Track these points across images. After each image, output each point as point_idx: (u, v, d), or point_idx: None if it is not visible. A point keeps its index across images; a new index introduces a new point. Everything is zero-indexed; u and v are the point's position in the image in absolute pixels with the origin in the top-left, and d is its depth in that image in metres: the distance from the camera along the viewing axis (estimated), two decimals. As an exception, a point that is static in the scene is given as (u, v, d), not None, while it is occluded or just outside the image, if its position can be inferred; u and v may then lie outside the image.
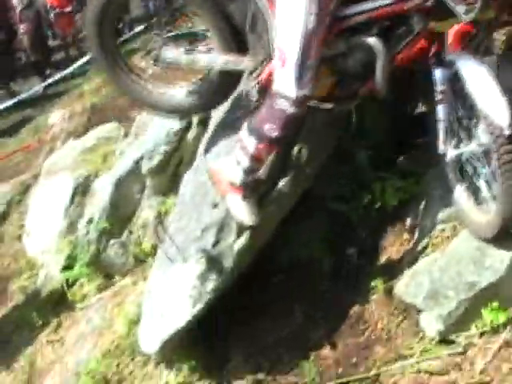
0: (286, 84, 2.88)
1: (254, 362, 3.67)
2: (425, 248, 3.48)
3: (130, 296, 4.33)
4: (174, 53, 3.49)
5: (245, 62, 3.33)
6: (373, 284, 3.58)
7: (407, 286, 3.42)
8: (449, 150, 3.11)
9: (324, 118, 3.52)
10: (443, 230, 3.45)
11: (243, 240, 3.43)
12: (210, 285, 3.44)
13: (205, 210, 3.51)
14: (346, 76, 3.16)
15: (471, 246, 3.26)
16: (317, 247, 3.71)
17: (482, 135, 2.95)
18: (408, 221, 3.65)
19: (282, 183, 3.46)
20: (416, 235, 3.59)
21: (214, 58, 3.39)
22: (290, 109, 2.89)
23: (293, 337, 3.68)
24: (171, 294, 3.53)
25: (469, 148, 3.06)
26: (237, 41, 3.35)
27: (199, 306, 3.44)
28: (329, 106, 3.27)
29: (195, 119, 4.21)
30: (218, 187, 3.41)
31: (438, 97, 3.02)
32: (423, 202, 3.58)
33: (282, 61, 2.89)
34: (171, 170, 4.29)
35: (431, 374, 3.32)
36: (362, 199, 3.61)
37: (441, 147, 3.09)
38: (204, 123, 4.14)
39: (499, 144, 2.80)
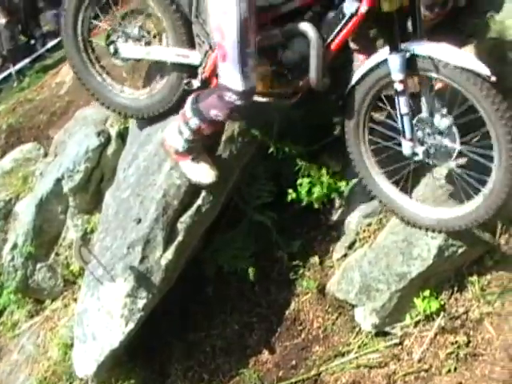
0: (232, 78, 2.89)
1: (194, 374, 3.65)
2: (353, 243, 3.51)
3: (63, 319, 4.23)
4: (130, 46, 3.49)
5: (193, 55, 3.31)
6: (305, 284, 3.59)
7: (339, 283, 3.45)
8: (417, 148, 3.00)
9: (242, 122, 3.50)
10: (369, 224, 3.48)
11: (170, 254, 3.39)
12: (141, 302, 3.38)
13: (129, 227, 3.45)
14: (285, 68, 3.14)
15: (398, 238, 3.30)
16: (244, 255, 3.67)
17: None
18: (334, 217, 3.65)
19: (204, 192, 3.42)
20: (343, 231, 3.60)
21: (166, 51, 3.38)
22: (238, 101, 2.93)
23: (230, 346, 3.67)
24: (102, 314, 3.45)
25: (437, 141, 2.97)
26: (188, 33, 3.33)
27: (131, 325, 3.38)
28: (268, 100, 3.25)
29: (114, 134, 4.13)
30: (169, 156, 3.43)
31: (398, 87, 2.88)
32: (348, 198, 3.59)
33: (222, 56, 2.89)
34: (93, 187, 4.20)
35: (370, 367, 3.36)
36: (287, 199, 3.58)
37: (408, 146, 3.01)
38: (122, 138, 4.07)
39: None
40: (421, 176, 3.33)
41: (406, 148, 3.01)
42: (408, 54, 2.83)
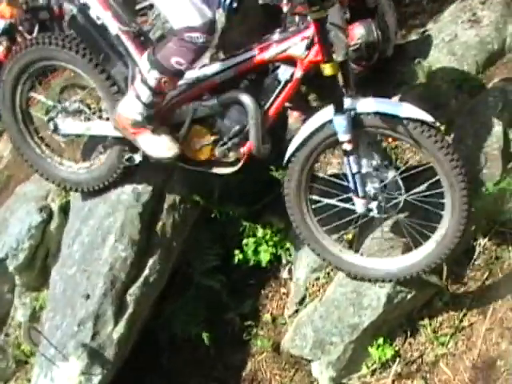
0: (187, 16, 2.81)
1: None
2: (303, 299, 3.52)
3: (17, 402, 4.13)
4: (72, 122, 3.46)
5: None
6: (259, 344, 3.59)
7: (292, 339, 3.45)
8: (371, 204, 3.03)
9: (183, 190, 3.53)
10: (317, 278, 3.50)
11: (121, 327, 3.35)
12: (96, 379, 3.33)
13: (78, 304, 3.40)
14: (225, 137, 3.17)
15: (347, 290, 3.33)
16: (196, 320, 3.65)
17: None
18: (283, 274, 3.68)
19: (150, 262, 3.41)
20: (292, 288, 3.61)
21: (107, 126, 3.34)
22: (201, 38, 2.83)
23: (189, 412, 3.63)
24: (57, 395, 3.38)
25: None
26: None
27: (88, 404, 3.32)
28: (211, 169, 3.28)
29: (56, 209, 4.10)
30: (126, 134, 3.24)
31: (347, 147, 2.88)
32: (294, 254, 3.62)
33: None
34: (39, 264, 4.13)
35: (332, 420, 3.35)
36: (234, 261, 3.60)
37: (361, 204, 3.02)
38: (65, 212, 4.04)
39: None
40: (365, 230, 3.36)
41: (360, 206, 3.04)
42: (353, 113, 2.84)
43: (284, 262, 3.67)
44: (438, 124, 2.86)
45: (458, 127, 3.55)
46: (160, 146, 3.18)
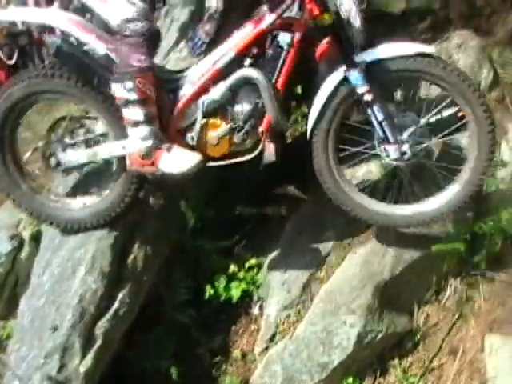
0: (121, 11, 2.91)
1: None
2: (273, 336, 3.50)
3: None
4: (73, 153, 3.35)
5: None
6: (228, 380, 3.57)
7: (261, 376, 3.44)
8: (403, 147, 3.13)
9: (156, 223, 3.51)
10: (288, 315, 3.49)
11: (89, 360, 3.30)
12: (61, 413, 3.28)
13: (45, 335, 3.34)
14: (239, 122, 3.16)
15: (317, 329, 3.34)
16: (166, 354, 3.60)
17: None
18: (254, 311, 3.66)
19: (121, 295, 3.38)
20: (263, 325, 3.59)
21: (114, 146, 3.27)
22: (143, 24, 2.91)
23: None
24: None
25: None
26: None
27: None
28: (232, 160, 3.24)
29: (27, 237, 4.05)
30: (147, 170, 3.20)
31: (368, 98, 3.04)
32: (266, 291, 3.60)
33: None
34: (8, 292, 4.06)
35: None
36: (205, 296, 3.58)
37: (394, 149, 3.13)
38: (36, 240, 3.99)
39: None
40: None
41: (393, 152, 3.15)
42: (363, 65, 3.03)
43: (255, 298, 3.65)
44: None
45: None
46: (182, 161, 3.11)
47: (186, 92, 3.19)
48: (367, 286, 3.29)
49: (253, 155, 3.23)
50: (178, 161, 3.11)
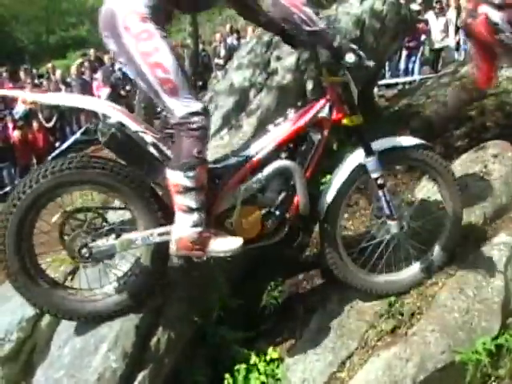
0: (187, 104, 3.07)
1: None
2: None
3: None
4: (105, 243, 3.35)
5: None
6: None
7: None
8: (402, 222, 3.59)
9: (180, 307, 3.51)
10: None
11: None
12: None
13: (62, 408, 3.33)
14: (271, 209, 3.39)
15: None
16: None
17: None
18: (272, 406, 3.61)
19: (140, 377, 3.36)
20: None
21: (153, 232, 3.32)
22: (203, 121, 3.08)
23: None
24: None
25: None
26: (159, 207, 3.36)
27: None
28: (261, 243, 3.42)
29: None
30: (193, 254, 3.27)
31: (381, 181, 3.45)
32: (285, 385, 3.56)
33: (171, 89, 3.08)
34: (24, 357, 4.06)
35: None
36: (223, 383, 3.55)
37: (395, 224, 3.56)
38: (59, 310, 4.00)
39: None
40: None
41: (395, 227, 3.56)
42: (377, 153, 3.43)
43: (275, 394, 3.61)
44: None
45: (460, 276, 3.58)
46: (228, 244, 3.27)
47: (227, 180, 3.34)
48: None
49: (278, 238, 3.46)
50: (224, 245, 3.27)
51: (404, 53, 13.65)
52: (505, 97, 5.61)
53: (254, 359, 3.59)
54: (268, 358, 3.61)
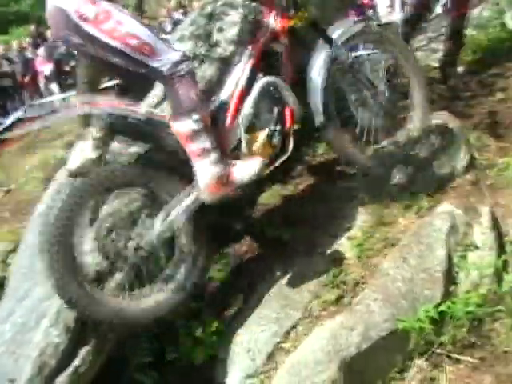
0: (165, 58, 3.22)
1: None
2: (236, 404, 3.44)
3: None
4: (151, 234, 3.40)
5: None
6: None
7: None
8: None
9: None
10: (252, 384, 3.44)
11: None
12: None
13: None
14: (271, 128, 3.56)
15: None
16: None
17: None
18: (217, 377, 3.59)
19: (83, 352, 3.31)
20: (225, 391, 3.54)
21: (188, 197, 3.43)
22: (190, 63, 3.31)
23: None
24: None
25: None
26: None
27: None
28: (281, 161, 3.63)
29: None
30: (224, 191, 3.41)
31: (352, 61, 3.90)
32: (230, 357, 3.54)
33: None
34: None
35: None
36: (169, 358, 3.53)
37: None
38: (1, 286, 3.93)
39: None
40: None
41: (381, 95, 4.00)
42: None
43: (219, 364, 3.59)
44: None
45: (403, 246, 3.61)
46: (249, 167, 3.44)
47: (224, 118, 3.55)
48: (333, 361, 3.26)
49: (289, 151, 3.63)
50: (247, 169, 3.44)
51: (350, 27, 13.64)
52: (448, 70, 5.70)
53: (199, 331, 3.57)
54: (213, 329, 3.59)
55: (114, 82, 4.51)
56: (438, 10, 12.78)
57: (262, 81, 3.56)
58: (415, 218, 3.77)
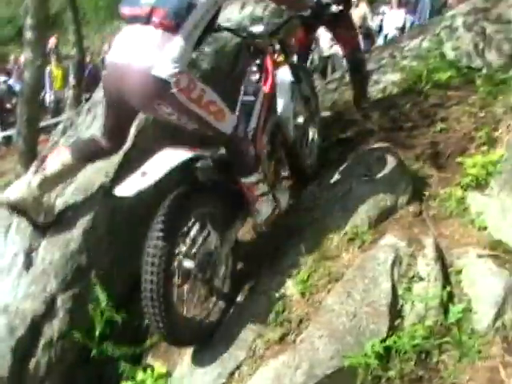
0: (229, 121, 3.50)
1: None
2: None
3: None
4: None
5: None
6: None
7: None
8: None
9: (61, 326, 3.36)
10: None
11: None
12: None
13: None
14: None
15: None
16: None
17: None
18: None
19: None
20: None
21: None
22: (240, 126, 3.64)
23: None
24: None
25: None
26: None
27: None
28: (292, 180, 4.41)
29: None
30: (277, 216, 3.92)
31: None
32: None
33: None
34: None
35: None
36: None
37: None
38: None
39: None
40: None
41: None
42: None
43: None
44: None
45: (347, 281, 3.57)
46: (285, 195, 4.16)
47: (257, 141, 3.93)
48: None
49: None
50: (284, 194, 4.16)
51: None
52: (389, 101, 5.73)
53: (141, 375, 3.48)
54: (156, 373, 3.51)
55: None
56: (380, 41, 13.04)
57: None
58: (358, 252, 3.74)
